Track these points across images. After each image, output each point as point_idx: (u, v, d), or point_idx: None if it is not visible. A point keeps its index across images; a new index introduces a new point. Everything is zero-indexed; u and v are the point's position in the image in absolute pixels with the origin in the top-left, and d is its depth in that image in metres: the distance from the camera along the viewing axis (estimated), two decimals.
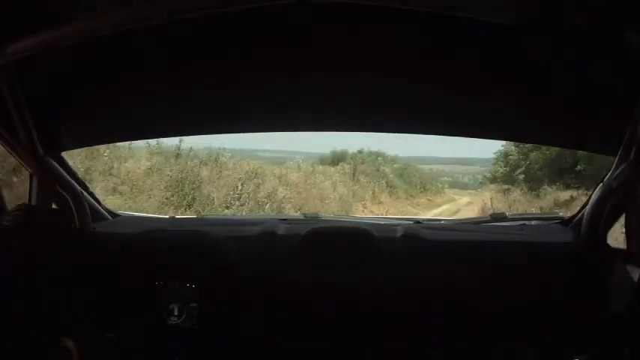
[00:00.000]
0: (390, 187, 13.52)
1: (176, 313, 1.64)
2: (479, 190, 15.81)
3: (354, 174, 12.71)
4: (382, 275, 1.68)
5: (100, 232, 1.89)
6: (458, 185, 17.22)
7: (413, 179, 14.89)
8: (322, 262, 1.72)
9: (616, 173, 1.59)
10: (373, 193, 12.58)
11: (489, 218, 2.13)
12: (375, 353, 1.70)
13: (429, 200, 14.45)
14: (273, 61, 1.56)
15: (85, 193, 1.92)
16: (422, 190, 14.96)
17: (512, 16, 1.13)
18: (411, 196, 14.12)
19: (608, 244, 1.71)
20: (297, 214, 2.32)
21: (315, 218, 2.14)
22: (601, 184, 1.70)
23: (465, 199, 15.07)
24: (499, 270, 1.69)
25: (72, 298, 1.51)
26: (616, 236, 1.83)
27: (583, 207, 1.83)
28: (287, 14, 1.32)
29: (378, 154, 14.26)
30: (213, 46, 1.50)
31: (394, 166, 14.73)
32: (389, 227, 1.87)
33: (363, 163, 13.63)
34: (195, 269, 1.66)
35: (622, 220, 1.66)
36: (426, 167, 16.60)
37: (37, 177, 1.76)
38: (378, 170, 13.70)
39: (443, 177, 17.09)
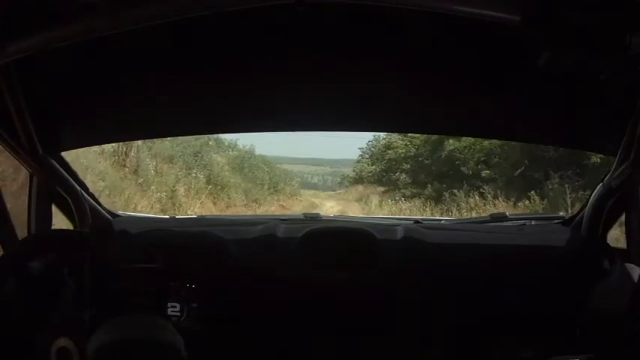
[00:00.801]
0: (215, 185, 8.21)
1: (176, 313, 1.63)
2: (340, 192, 13.30)
3: (126, 155, 6.84)
4: (382, 275, 1.68)
5: (100, 232, 1.89)
6: (308, 186, 14.61)
7: (259, 175, 10.30)
8: (322, 262, 1.72)
9: (616, 173, 1.59)
10: (173, 193, 7.23)
11: (489, 218, 2.14)
12: (376, 353, 1.70)
13: (283, 207, 9.93)
14: (273, 61, 1.56)
15: (84, 194, 1.92)
16: (272, 191, 10.59)
17: (513, 16, 1.13)
18: (255, 201, 9.42)
19: (608, 244, 1.71)
20: (298, 214, 2.32)
21: (315, 218, 2.14)
22: (601, 184, 1.70)
23: (330, 204, 11.32)
24: (499, 270, 1.69)
25: (72, 298, 1.50)
26: (616, 236, 1.83)
27: (583, 207, 1.83)
28: (287, 14, 1.32)
29: (209, 138, 9.18)
30: (213, 46, 1.50)
31: (231, 153, 10.07)
32: (389, 227, 1.87)
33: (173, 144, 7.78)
34: (196, 269, 1.66)
35: (622, 220, 1.66)
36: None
37: (36, 177, 1.76)
38: (197, 155, 8.54)
39: (292, 177, 13.76)
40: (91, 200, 1.97)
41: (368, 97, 1.75)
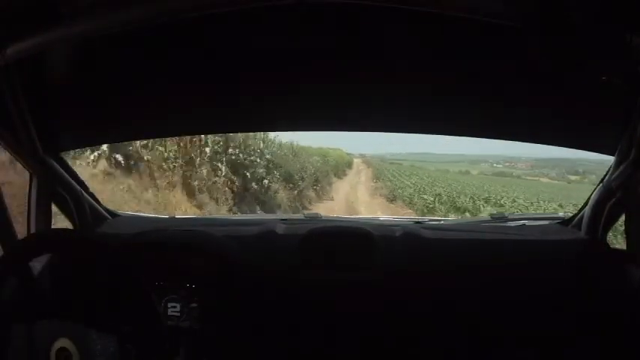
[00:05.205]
0: None
1: (176, 313, 1.63)
2: None
3: None
4: (382, 275, 1.68)
5: (100, 232, 1.89)
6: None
7: None
8: (322, 262, 1.72)
9: (616, 173, 1.59)
10: None
11: (489, 218, 2.14)
12: (375, 353, 1.70)
13: None
14: (273, 61, 1.56)
15: (84, 193, 1.92)
16: None
17: (513, 16, 1.13)
18: None
19: (608, 244, 1.71)
20: (298, 214, 2.32)
21: (315, 218, 2.14)
22: (601, 184, 1.70)
23: None
24: (499, 270, 1.69)
25: (71, 298, 1.50)
26: (616, 236, 1.82)
27: (583, 207, 1.83)
28: (287, 14, 1.32)
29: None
30: (213, 46, 1.50)
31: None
32: (389, 227, 1.87)
33: None
34: (196, 269, 1.66)
35: (622, 220, 1.66)
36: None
37: (36, 177, 1.76)
38: None
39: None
40: (91, 200, 1.97)
41: (368, 98, 1.75)
